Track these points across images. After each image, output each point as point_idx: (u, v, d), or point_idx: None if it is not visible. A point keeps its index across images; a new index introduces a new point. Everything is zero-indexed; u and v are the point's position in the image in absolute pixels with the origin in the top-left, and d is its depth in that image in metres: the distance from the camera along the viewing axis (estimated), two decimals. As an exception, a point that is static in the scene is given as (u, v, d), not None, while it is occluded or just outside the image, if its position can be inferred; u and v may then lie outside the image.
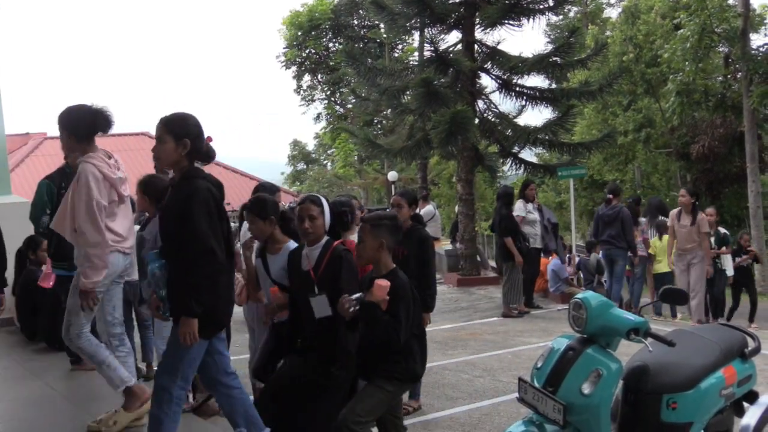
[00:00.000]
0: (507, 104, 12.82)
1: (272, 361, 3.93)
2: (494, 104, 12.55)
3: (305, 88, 32.18)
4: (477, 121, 11.87)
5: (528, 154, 14.17)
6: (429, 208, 12.63)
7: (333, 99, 32.15)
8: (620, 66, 19.24)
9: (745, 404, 3.23)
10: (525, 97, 12.27)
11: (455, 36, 12.68)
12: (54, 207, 4.83)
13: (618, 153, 23.60)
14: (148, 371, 5.27)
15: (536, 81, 13.45)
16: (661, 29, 21.63)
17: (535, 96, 12.20)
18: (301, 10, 30.09)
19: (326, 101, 32.43)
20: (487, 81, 12.77)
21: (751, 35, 18.47)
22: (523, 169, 12.83)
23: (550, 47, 12.10)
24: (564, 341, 2.88)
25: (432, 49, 11.83)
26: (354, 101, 28.50)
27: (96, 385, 4.72)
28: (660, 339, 2.81)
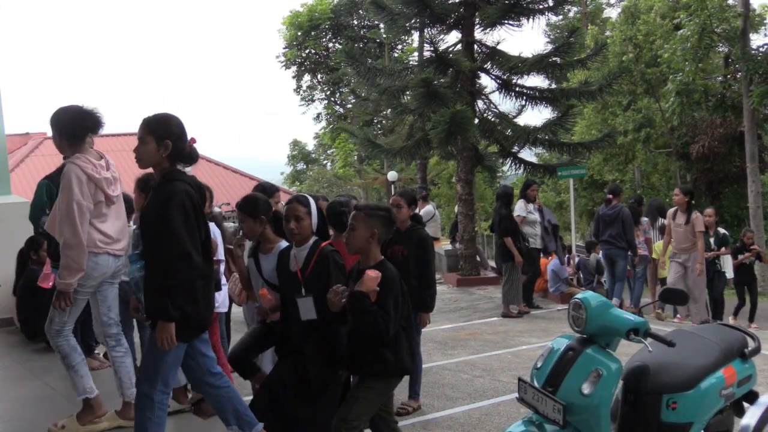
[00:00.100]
0: (507, 104, 12.86)
1: (251, 353, 3.93)
2: (494, 104, 12.58)
3: (305, 88, 32.22)
4: (477, 121, 11.88)
5: (528, 154, 14.18)
6: (429, 208, 12.64)
7: (333, 99, 32.16)
8: (620, 66, 19.21)
9: (745, 404, 3.23)
10: (525, 97, 12.27)
11: (455, 36, 12.71)
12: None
13: (618, 153, 23.59)
14: None
15: (536, 81, 13.51)
16: (661, 29, 21.62)
17: (535, 96, 12.21)
18: (301, 10, 30.11)
19: (326, 101, 32.45)
20: (487, 81, 12.79)
21: (751, 35, 18.50)
22: (523, 169, 12.84)
23: (550, 47, 12.12)
24: (564, 341, 2.88)
25: (432, 49, 11.85)
26: (354, 101, 28.54)
27: (96, 386, 4.71)
28: (660, 339, 2.80)
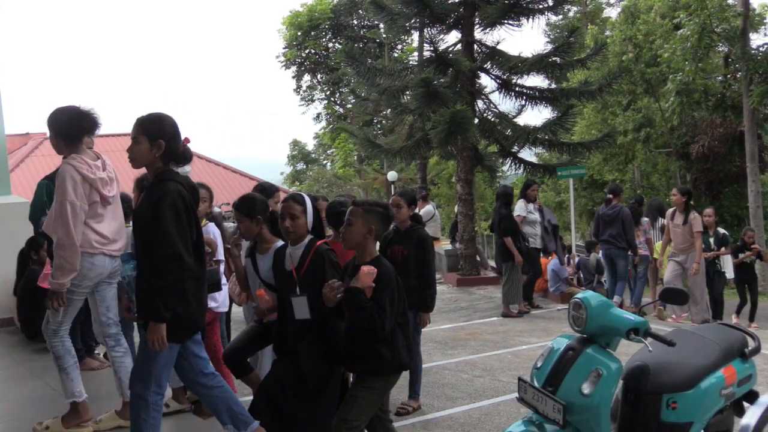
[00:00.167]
0: (506, 104, 12.86)
1: (246, 352, 3.94)
2: (494, 104, 12.58)
3: (305, 88, 32.24)
4: (476, 121, 11.88)
5: (527, 154, 14.18)
6: (428, 208, 12.64)
7: (333, 99, 32.18)
8: (620, 66, 19.24)
9: (745, 404, 3.23)
10: (524, 97, 12.27)
11: (455, 36, 12.72)
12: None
13: (618, 153, 23.60)
14: None
15: (536, 81, 13.51)
16: (661, 29, 21.63)
17: (535, 96, 12.21)
18: (301, 10, 30.12)
19: (326, 101, 32.46)
20: (487, 81, 12.79)
21: (751, 35, 18.49)
22: (523, 169, 12.84)
23: (550, 47, 12.10)
24: (564, 341, 2.88)
25: (431, 49, 11.85)
26: (353, 101, 28.54)
27: (96, 386, 4.72)
28: (660, 339, 2.80)
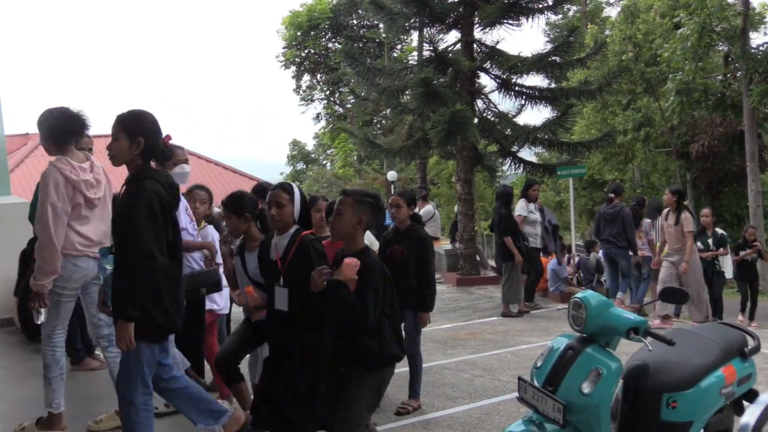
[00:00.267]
0: (506, 103, 12.88)
1: (239, 355, 3.93)
2: (493, 104, 12.58)
3: (304, 88, 32.25)
4: (476, 121, 11.88)
5: (527, 154, 14.18)
6: (428, 208, 12.64)
7: (332, 99, 32.19)
8: (619, 65, 19.25)
9: (745, 403, 3.22)
10: (524, 97, 12.27)
11: (454, 35, 12.72)
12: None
13: (617, 152, 23.60)
14: None
15: (535, 80, 13.50)
16: (661, 28, 21.63)
17: (535, 95, 12.21)
18: (301, 10, 30.12)
19: (325, 101, 32.48)
20: (486, 80, 12.80)
21: (751, 34, 18.49)
22: (523, 169, 12.84)
23: (550, 46, 12.13)
24: (564, 340, 2.88)
25: (431, 49, 11.85)
26: (353, 101, 28.55)
27: (96, 385, 4.73)
28: (660, 338, 2.80)
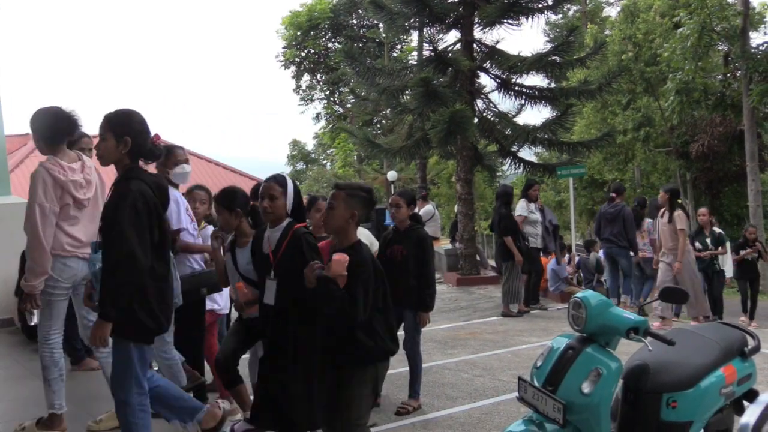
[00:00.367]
0: (506, 103, 12.90)
1: (237, 356, 3.92)
2: (493, 103, 12.59)
3: (304, 88, 32.24)
4: (476, 121, 11.89)
5: (527, 153, 14.19)
6: (428, 208, 12.64)
7: (332, 99, 32.18)
8: (619, 65, 19.23)
9: (745, 403, 3.22)
10: (524, 96, 12.28)
11: (454, 35, 12.73)
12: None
13: (617, 152, 23.58)
14: None
15: (535, 80, 13.48)
16: (661, 28, 21.61)
17: (534, 95, 12.22)
18: (301, 10, 30.11)
19: (325, 101, 32.47)
20: (486, 80, 12.82)
21: (751, 33, 18.45)
22: (522, 169, 12.85)
23: (549, 46, 12.11)
24: (564, 340, 2.88)
25: (431, 49, 11.85)
26: (353, 101, 28.53)
27: (96, 385, 4.72)
28: (660, 338, 2.80)
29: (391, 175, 22.63)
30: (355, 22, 30.72)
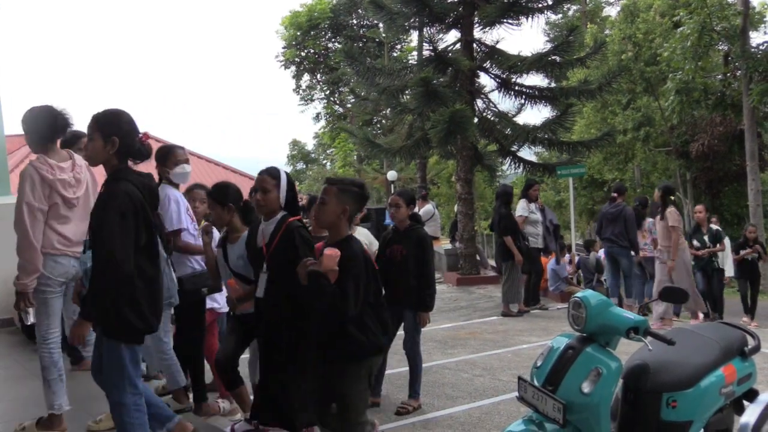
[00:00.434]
0: (506, 103, 12.89)
1: (237, 356, 3.93)
2: (493, 103, 12.60)
3: (304, 88, 32.24)
4: (476, 120, 11.89)
5: (527, 153, 14.19)
6: (428, 208, 12.64)
7: (332, 98, 32.19)
8: (619, 64, 19.22)
9: (745, 402, 3.22)
10: (524, 96, 12.28)
11: (454, 35, 12.73)
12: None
13: (617, 152, 23.59)
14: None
15: (535, 80, 13.47)
16: (661, 27, 21.62)
17: (534, 95, 12.22)
18: (301, 10, 30.12)
19: (325, 101, 32.47)
20: (486, 80, 12.84)
21: (751, 33, 18.46)
22: (522, 168, 12.85)
23: (549, 46, 12.12)
24: (564, 340, 2.88)
25: (431, 49, 11.85)
26: (353, 101, 28.55)
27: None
28: (660, 338, 2.80)
29: (391, 175, 22.64)
30: (355, 22, 30.72)
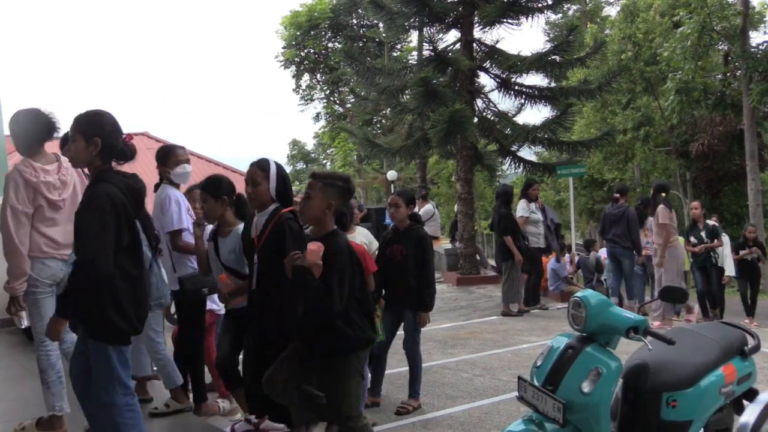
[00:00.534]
0: (506, 103, 12.89)
1: (236, 355, 3.92)
2: (493, 103, 12.60)
3: (304, 88, 32.24)
4: (476, 120, 11.89)
5: (527, 153, 14.20)
6: (428, 207, 12.65)
7: (332, 98, 32.18)
8: (619, 64, 19.22)
9: (745, 402, 3.22)
10: (524, 96, 12.28)
11: (454, 35, 12.72)
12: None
13: (617, 151, 23.56)
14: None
15: (535, 79, 13.44)
16: (660, 27, 21.60)
17: (534, 94, 12.22)
18: (301, 10, 30.11)
19: (325, 101, 32.47)
20: (486, 80, 12.83)
21: (751, 33, 18.43)
22: (522, 168, 12.85)
23: (549, 46, 12.12)
24: (563, 340, 2.88)
25: (431, 48, 11.86)
26: (353, 100, 28.53)
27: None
28: (659, 337, 2.80)
29: (391, 175, 22.64)
30: (355, 22, 30.71)
